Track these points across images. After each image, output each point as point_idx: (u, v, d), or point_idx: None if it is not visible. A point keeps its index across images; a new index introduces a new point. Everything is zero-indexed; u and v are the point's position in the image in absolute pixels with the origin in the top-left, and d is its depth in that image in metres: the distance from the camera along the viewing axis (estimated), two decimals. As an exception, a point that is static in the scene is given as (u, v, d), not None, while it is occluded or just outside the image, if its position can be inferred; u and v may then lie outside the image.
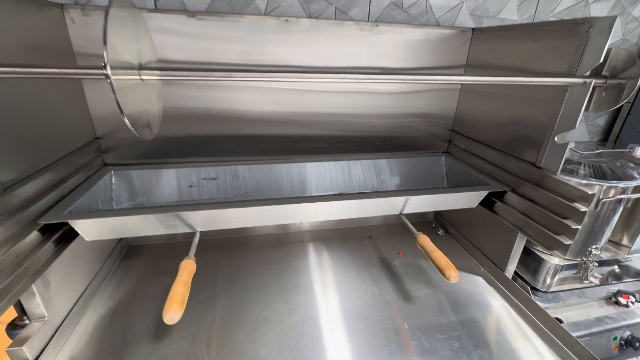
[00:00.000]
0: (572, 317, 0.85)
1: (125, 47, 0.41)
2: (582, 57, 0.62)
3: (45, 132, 0.66)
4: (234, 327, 0.70)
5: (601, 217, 0.79)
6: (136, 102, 0.44)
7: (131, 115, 0.41)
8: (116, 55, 0.38)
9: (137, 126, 0.44)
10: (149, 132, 0.49)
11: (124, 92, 0.40)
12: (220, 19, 0.77)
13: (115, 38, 0.38)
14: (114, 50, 0.38)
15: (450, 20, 0.98)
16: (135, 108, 0.44)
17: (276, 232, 1.05)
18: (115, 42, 0.38)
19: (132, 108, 0.42)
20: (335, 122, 0.95)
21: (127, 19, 0.43)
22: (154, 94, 0.54)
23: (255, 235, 1.03)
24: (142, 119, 0.47)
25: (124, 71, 0.41)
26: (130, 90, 0.42)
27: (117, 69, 0.38)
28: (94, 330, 0.68)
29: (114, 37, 0.37)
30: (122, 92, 0.39)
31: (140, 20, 0.50)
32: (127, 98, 0.41)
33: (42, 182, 0.63)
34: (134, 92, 0.44)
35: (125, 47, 0.41)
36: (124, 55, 0.41)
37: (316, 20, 0.82)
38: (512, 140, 0.82)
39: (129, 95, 0.42)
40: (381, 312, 0.75)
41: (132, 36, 0.45)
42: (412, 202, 0.78)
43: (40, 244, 0.58)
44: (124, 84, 0.40)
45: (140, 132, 0.45)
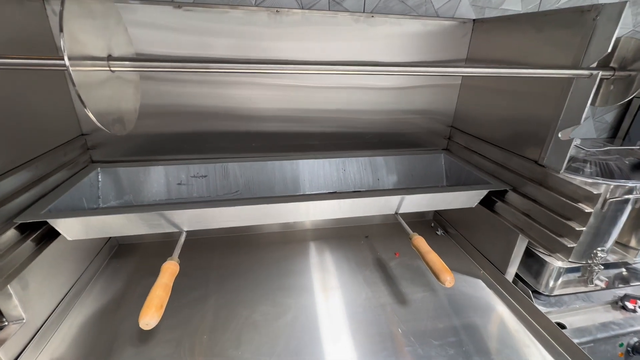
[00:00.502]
0: (576, 322, 0.81)
1: (91, 38, 0.39)
2: (588, 47, 0.58)
3: (27, 128, 0.63)
4: (220, 330, 0.67)
5: (608, 218, 0.75)
6: (105, 95, 0.41)
7: (98, 109, 0.39)
8: (78, 45, 0.35)
9: (106, 121, 0.41)
10: (120, 128, 0.47)
11: (89, 85, 0.37)
12: (208, 10, 0.74)
13: (77, 26, 0.35)
14: (76, 39, 0.35)
15: (450, 11, 0.93)
16: (104, 102, 0.41)
17: (271, 230, 1.02)
18: (77, 31, 0.35)
19: (100, 102, 0.40)
20: (329, 119, 0.92)
21: (94, 7, 0.40)
22: (130, 89, 0.51)
23: (250, 233, 1.01)
24: (112, 114, 0.44)
25: (89, 62, 0.38)
26: (97, 83, 0.40)
27: (80, 60, 0.35)
28: (77, 332, 0.66)
29: (76, 25, 0.35)
30: (86, 85, 0.36)
31: (112, 11, 0.47)
32: (93, 91, 0.38)
33: (21, 178, 0.61)
34: (102, 85, 0.41)
35: (91, 38, 0.38)
36: (90, 45, 0.38)
37: (309, 11, 0.79)
38: (514, 137, 0.78)
39: (96, 89, 0.39)
40: (375, 316, 0.72)
41: (101, 26, 0.42)
42: (408, 201, 0.74)
43: (18, 243, 0.56)
44: (88, 76, 0.37)
45: (109, 127, 0.42)
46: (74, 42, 0.35)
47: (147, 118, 0.81)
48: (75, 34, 0.35)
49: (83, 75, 0.36)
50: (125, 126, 0.49)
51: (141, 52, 0.74)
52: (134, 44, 0.72)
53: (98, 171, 0.79)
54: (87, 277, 0.79)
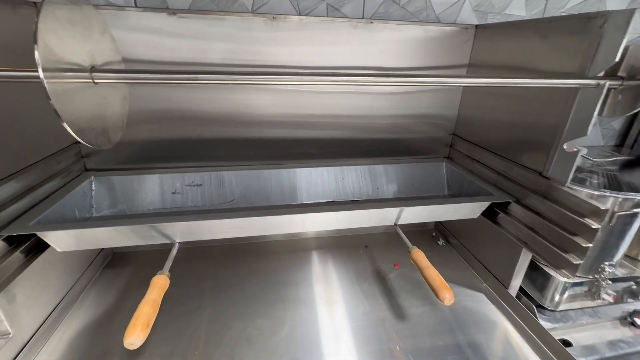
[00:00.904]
0: (582, 339, 0.78)
1: (71, 47, 0.37)
2: (595, 55, 0.56)
3: (17, 136, 0.62)
4: (213, 344, 0.65)
5: (616, 232, 0.73)
6: (87, 107, 0.40)
7: (77, 122, 0.37)
8: (54, 55, 0.34)
9: (87, 134, 0.39)
10: (104, 141, 0.45)
11: (69, 97, 0.35)
12: (203, 17, 0.73)
13: (55, 36, 0.34)
14: (52, 51, 0.33)
15: (452, 16, 0.91)
16: (86, 114, 0.40)
17: (269, 239, 1.00)
18: (53, 41, 0.34)
19: (81, 114, 0.38)
20: (328, 124, 0.90)
21: (74, 15, 0.39)
22: (116, 98, 0.49)
23: (247, 242, 0.99)
24: (96, 127, 0.42)
25: (69, 74, 0.36)
26: (79, 94, 0.38)
27: (57, 71, 0.34)
28: (66, 347, 0.64)
29: (52, 35, 0.33)
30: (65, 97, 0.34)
31: (95, 18, 0.46)
32: (72, 103, 0.36)
33: (10, 189, 0.59)
34: (84, 97, 0.39)
35: (70, 47, 0.37)
36: (69, 56, 0.37)
37: (306, 17, 0.77)
38: (517, 146, 0.75)
39: (77, 100, 0.37)
40: (372, 331, 0.70)
41: (82, 35, 0.40)
42: (407, 213, 0.72)
43: (5, 255, 0.55)
44: (67, 87, 0.36)
45: (91, 141, 0.41)
46: (49, 53, 0.33)
47: (141, 124, 0.79)
48: (51, 44, 0.34)
49: (60, 88, 0.34)
50: (110, 139, 0.47)
51: (135, 57, 0.72)
52: (128, 49, 0.71)
53: (92, 180, 0.78)
54: (79, 287, 0.77)
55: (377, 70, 0.86)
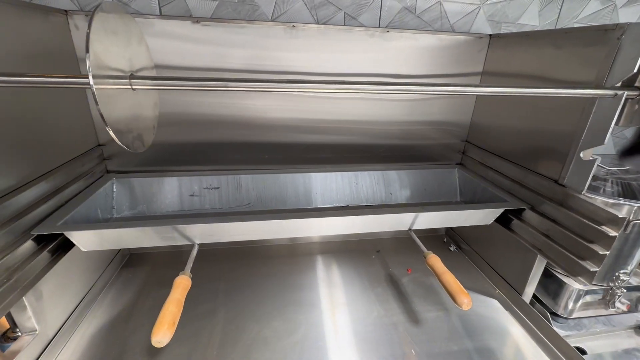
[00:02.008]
0: (596, 347, 0.78)
1: (114, 55, 0.39)
2: (612, 66, 0.57)
3: (46, 139, 0.65)
4: (229, 346, 0.66)
5: (631, 240, 0.73)
6: (126, 111, 0.42)
7: (118, 126, 0.39)
8: (102, 63, 0.36)
9: (126, 137, 0.41)
10: (139, 144, 0.47)
11: (112, 102, 0.37)
12: (225, 25, 0.75)
13: (101, 45, 0.36)
14: (99, 58, 0.35)
15: (466, 26, 0.93)
16: (124, 118, 0.41)
17: (282, 242, 1.02)
18: (100, 50, 0.36)
19: (120, 118, 0.40)
20: (342, 130, 0.91)
21: (117, 24, 0.41)
22: (150, 102, 0.51)
23: (260, 245, 1.00)
24: (132, 130, 0.44)
25: (112, 80, 0.38)
26: (119, 99, 0.40)
27: (103, 78, 0.36)
28: (88, 344, 0.66)
29: (100, 45, 0.35)
30: (108, 102, 0.36)
31: (132, 26, 0.48)
32: (114, 108, 0.38)
33: (40, 190, 0.61)
34: (124, 101, 0.41)
35: (113, 55, 0.39)
36: (112, 63, 0.39)
37: (324, 26, 0.79)
38: (533, 154, 0.76)
39: (118, 105, 0.39)
40: (387, 335, 0.70)
41: (123, 43, 0.43)
42: (421, 218, 0.73)
43: (35, 254, 0.57)
44: (110, 93, 0.38)
45: (129, 144, 0.43)
46: (98, 61, 0.35)
47: (161, 127, 0.80)
48: (99, 53, 0.36)
49: (105, 94, 0.36)
50: (144, 142, 0.49)
51: (159, 63, 0.75)
52: (153, 55, 0.73)
53: (113, 182, 0.80)
54: (99, 287, 0.79)
55: (392, 77, 0.88)
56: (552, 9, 0.96)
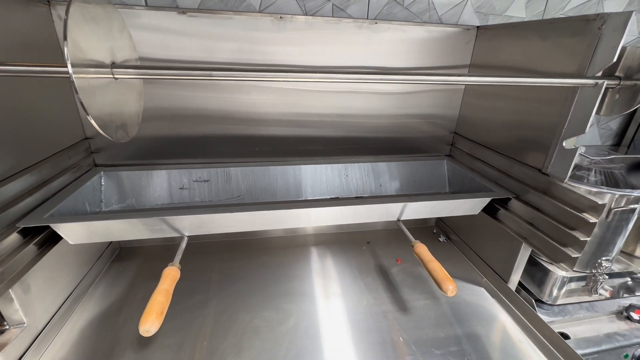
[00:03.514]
0: (580, 332, 0.80)
1: (95, 44, 0.39)
2: (593, 56, 0.58)
3: (30, 132, 0.64)
4: (220, 336, 0.67)
5: (612, 228, 0.75)
6: (108, 102, 0.41)
7: (101, 116, 0.39)
8: (81, 52, 0.36)
9: (109, 128, 0.41)
10: (123, 135, 0.47)
11: (92, 92, 0.37)
12: (212, 16, 0.74)
13: (81, 34, 0.35)
14: (78, 46, 0.35)
15: (454, 17, 0.93)
16: (107, 109, 0.41)
17: (274, 235, 1.02)
18: (80, 38, 0.35)
19: (103, 109, 0.40)
20: (332, 123, 0.92)
21: (97, 14, 0.40)
22: (133, 94, 0.51)
23: (252, 238, 1.01)
24: (115, 121, 0.44)
25: (93, 69, 0.38)
26: (101, 89, 0.40)
27: (83, 67, 0.36)
28: (77, 337, 0.66)
29: (79, 33, 0.35)
30: (90, 92, 0.36)
31: (115, 17, 0.47)
32: (96, 98, 0.38)
33: (25, 182, 0.61)
34: (106, 92, 0.41)
35: (94, 44, 0.39)
36: (93, 52, 0.38)
37: (312, 17, 0.79)
38: (518, 144, 0.77)
39: (99, 95, 0.39)
40: (376, 323, 0.72)
41: (104, 33, 0.42)
42: (410, 208, 0.74)
43: (21, 246, 0.56)
44: (92, 82, 0.37)
45: (112, 134, 0.42)
46: (77, 50, 0.35)
47: (149, 121, 0.81)
48: (78, 41, 0.35)
49: (86, 83, 0.36)
50: (128, 133, 0.49)
51: (145, 55, 0.74)
52: (138, 47, 0.73)
53: (101, 175, 0.79)
54: (89, 280, 0.79)
55: (381, 70, 0.88)
56: (538, 0, 0.96)
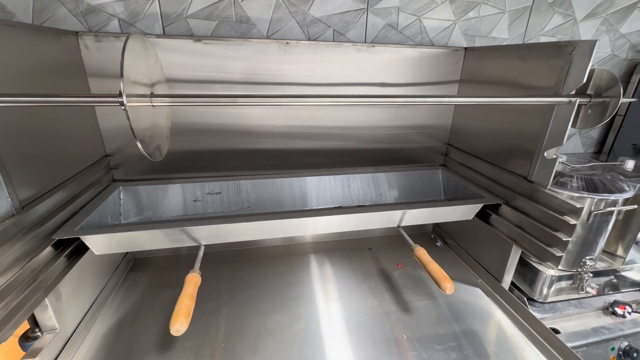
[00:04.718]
0: (569, 327, 0.86)
1: (138, 75, 0.45)
2: (567, 77, 0.66)
3: (60, 152, 0.69)
4: (237, 338, 0.72)
5: (594, 229, 0.82)
6: (147, 125, 0.48)
7: (143, 139, 0.45)
8: (130, 83, 0.42)
9: (149, 149, 0.47)
10: (159, 154, 0.53)
11: (137, 118, 0.43)
12: (224, 43, 0.82)
13: (129, 67, 0.42)
14: (128, 79, 0.41)
15: (444, 40, 1.02)
16: (147, 132, 0.47)
17: (279, 244, 1.08)
18: (129, 72, 0.41)
19: (143, 132, 0.46)
20: (334, 135, 0.99)
21: (139, 49, 0.47)
22: (164, 115, 0.57)
23: (258, 247, 1.06)
24: (153, 142, 0.50)
25: (137, 99, 0.44)
26: (142, 114, 0.46)
27: (131, 97, 0.42)
28: (102, 341, 0.70)
29: (128, 67, 0.41)
30: (135, 118, 0.42)
31: (149, 48, 0.54)
32: (139, 123, 0.44)
33: (57, 199, 0.66)
34: (145, 116, 0.47)
35: (137, 75, 0.45)
36: (137, 82, 0.45)
37: (315, 42, 0.87)
38: (505, 154, 0.85)
39: (141, 120, 0.45)
40: (381, 323, 0.77)
41: (144, 64, 0.49)
42: (409, 215, 0.80)
43: (54, 258, 0.61)
44: (136, 109, 0.43)
45: (151, 154, 0.48)
46: (128, 83, 0.41)
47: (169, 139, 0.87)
48: (129, 75, 0.42)
49: (134, 111, 0.42)
50: (162, 152, 0.55)
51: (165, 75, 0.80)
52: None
53: (120, 190, 0.85)
54: (109, 288, 0.83)
55: (378, 86, 0.96)
56: (519, 23, 1.06)
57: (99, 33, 0.76)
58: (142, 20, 0.82)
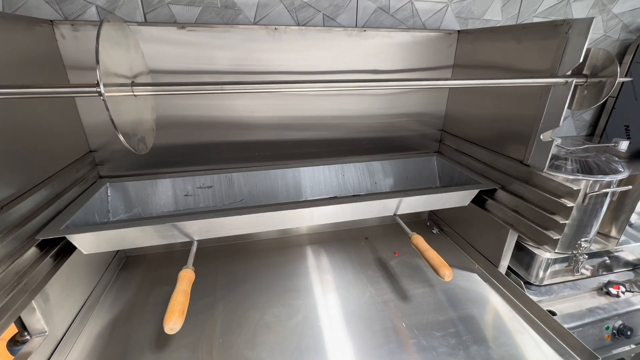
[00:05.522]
0: (565, 309, 0.87)
1: (117, 64, 0.42)
2: (563, 57, 0.64)
3: (40, 148, 0.66)
4: (234, 333, 0.71)
5: (589, 211, 0.82)
6: (129, 116, 0.45)
7: (125, 131, 0.42)
8: (108, 72, 0.39)
9: (132, 141, 0.45)
10: (143, 147, 0.50)
11: (118, 108, 0.41)
12: (210, 30, 0.78)
13: (107, 56, 0.39)
14: (106, 67, 0.39)
15: (437, 23, 1.00)
16: (129, 123, 0.45)
17: (274, 236, 1.06)
18: (107, 60, 0.39)
19: (125, 123, 0.43)
20: (327, 125, 0.96)
21: (118, 36, 0.44)
22: (148, 106, 0.55)
23: (253, 240, 1.04)
24: (137, 134, 0.48)
25: (116, 88, 0.42)
26: (123, 105, 0.43)
27: (110, 86, 0.39)
28: (95, 342, 0.68)
29: (106, 55, 0.38)
30: (115, 109, 0.39)
31: (129, 35, 0.51)
32: (120, 114, 0.41)
33: (39, 197, 0.63)
34: (127, 107, 0.44)
35: (117, 64, 0.42)
36: (116, 71, 0.42)
37: (305, 27, 0.83)
38: (501, 138, 0.84)
39: (123, 111, 0.43)
40: (379, 312, 0.76)
41: (124, 52, 0.46)
42: (405, 203, 0.79)
43: (39, 259, 0.59)
44: (117, 100, 0.41)
45: (135, 147, 0.46)
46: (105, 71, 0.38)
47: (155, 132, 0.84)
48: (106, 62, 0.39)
49: (113, 101, 0.40)
50: (147, 144, 0.52)
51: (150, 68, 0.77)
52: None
53: (107, 186, 0.82)
54: (101, 288, 0.81)
55: (371, 73, 0.93)
56: (513, 4, 1.04)
57: (75, 21, 0.71)
58: (122, 7, 0.78)
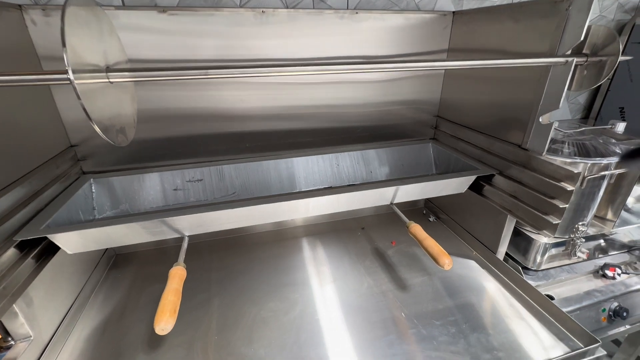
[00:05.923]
0: (562, 292, 0.87)
1: (89, 48, 0.39)
2: (562, 36, 0.62)
3: (15, 143, 0.62)
4: (230, 329, 0.69)
5: (586, 194, 0.81)
6: (106, 106, 0.41)
7: (101, 121, 0.39)
8: (78, 57, 0.35)
9: (110, 132, 0.41)
10: (123, 138, 0.47)
11: (92, 97, 0.37)
12: (193, 14, 0.74)
13: (76, 39, 0.35)
14: (76, 52, 0.35)
15: (431, 4, 0.96)
16: (106, 113, 0.41)
17: (269, 229, 1.04)
18: (76, 44, 0.35)
19: (102, 113, 0.40)
20: (320, 114, 0.93)
21: (88, 17, 0.40)
22: (127, 96, 0.51)
23: (248, 234, 1.02)
24: (115, 125, 0.44)
25: (89, 74, 0.38)
26: (99, 94, 0.40)
27: (81, 72, 0.36)
28: (85, 345, 0.66)
29: (75, 38, 0.35)
30: (89, 97, 0.36)
31: (104, 19, 0.47)
32: (95, 103, 0.38)
33: (16, 195, 0.59)
34: (103, 96, 0.41)
35: (88, 48, 0.38)
36: (88, 57, 0.38)
37: (294, 10, 0.79)
38: (498, 123, 0.82)
39: (98, 100, 0.39)
40: (378, 302, 0.75)
41: (96, 36, 0.42)
42: (402, 191, 0.77)
43: (19, 260, 0.55)
44: (90, 87, 0.37)
45: (113, 138, 0.43)
46: (75, 55, 0.35)
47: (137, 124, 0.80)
48: (75, 46, 0.35)
49: (86, 88, 0.36)
50: (127, 136, 0.49)
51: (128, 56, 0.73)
52: (120, 51, 0.71)
53: (91, 182, 0.78)
54: (89, 289, 0.78)
55: (363, 59, 0.90)
56: (508, -16, 1.01)
57: (46, 6, 0.66)
58: (97, -9, 0.72)
